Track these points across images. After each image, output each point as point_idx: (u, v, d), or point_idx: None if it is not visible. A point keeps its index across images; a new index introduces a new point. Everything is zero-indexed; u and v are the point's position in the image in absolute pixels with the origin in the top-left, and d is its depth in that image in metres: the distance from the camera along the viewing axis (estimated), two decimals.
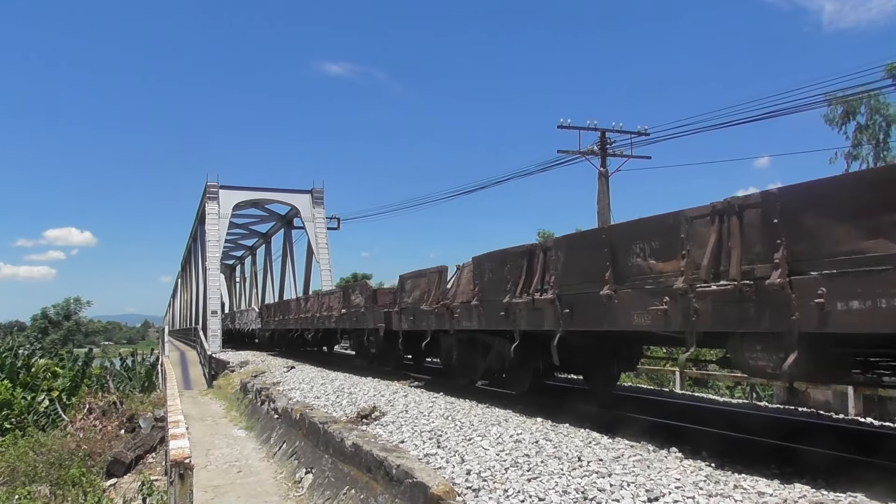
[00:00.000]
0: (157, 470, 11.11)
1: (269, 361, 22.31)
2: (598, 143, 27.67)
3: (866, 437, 7.27)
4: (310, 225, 38.73)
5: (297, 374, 16.50)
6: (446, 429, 7.64)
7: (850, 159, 34.92)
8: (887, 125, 33.93)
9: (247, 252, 61.87)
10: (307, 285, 41.11)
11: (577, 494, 4.77)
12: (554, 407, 8.99)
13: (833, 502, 4.36)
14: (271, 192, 39.86)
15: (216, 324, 34.57)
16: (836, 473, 5.26)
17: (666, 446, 6.39)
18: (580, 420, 7.95)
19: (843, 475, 5.17)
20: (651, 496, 4.53)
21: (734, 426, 7.45)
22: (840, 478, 5.12)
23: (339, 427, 8.59)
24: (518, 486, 5.16)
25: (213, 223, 36.31)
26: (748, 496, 4.49)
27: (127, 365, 39.46)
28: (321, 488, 8.14)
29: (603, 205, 27.17)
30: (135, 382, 32.29)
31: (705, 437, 6.98)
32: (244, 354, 26.95)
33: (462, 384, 11.47)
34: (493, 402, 9.75)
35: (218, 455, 11.22)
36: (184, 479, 4.69)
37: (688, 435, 7.13)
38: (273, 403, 12.67)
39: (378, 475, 6.64)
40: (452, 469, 5.93)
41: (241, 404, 16.49)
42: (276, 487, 9.03)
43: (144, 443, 12.84)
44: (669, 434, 7.08)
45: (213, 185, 36.68)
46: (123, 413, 16.88)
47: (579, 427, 7.56)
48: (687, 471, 5.36)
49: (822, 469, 5.44)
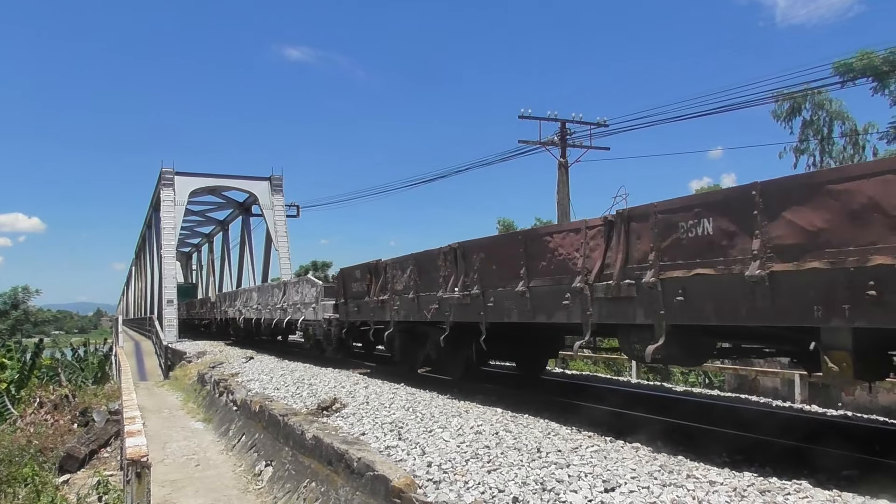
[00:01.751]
0: (112, 465, 10.92)
1: (227, 352, 22.07)
2: (559, 133, 27.90)
3: (811, 424, 7.54)
4: (268, 212, 38.27)
5: (255, 365, 16.36)
6: (407, 420, 7.69)
7: (797, 153, 35.93)
8: (830, 121, 34.96)
9: (204, 239, 60.83)
10: (266, 273, 40.64)
11: (536, 486, 4.86)
12: (513, 397, 9.13)
13: (780, 489, 4.53)
14: (229, 179, 39.24)
15: (172, 313, 34.01)
16: (782, 461, 5.47)
17: (622, 437, 6.55)
18: (539, 410, 8.09)
19: (789, 463, 5.38)
20: (608, 486, 4.65)
21: (688, 415, 7.65)
22: (786, 465, 5.32)
23: (299, 419, 8.58)
24: (478, 477, 5.23)
25: (169, 210, 35.60)
26: (700, 485, 4.64)
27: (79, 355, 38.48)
28: (281, 481, 8.13)
29: (563, 195, 27.42)
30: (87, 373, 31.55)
31: (660, 426, 7.17)
32: (201, 344, 26.60)
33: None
34: (453, 393, 9.84)
35: (175, 448, 11.09)
36: (141, 477, 4.64)
37: (644, 425, 7.32)
38: (232, 395, 12.56)
39: (339, 468, 6.66)
40: (413, 461, 5.98)
41: (198, 396, 16.30)
42: (235, 481, 8.98)
43: (99, 437, 12.57)
44: (627, 423, 7.26)
45: (169, 172, 35.92)
46: (76, 406, 16.47)
47: (538, 417, 7.69)
48: (642, 461, 5.51)
49: (770, 457, 5.65)
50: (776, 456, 5.68)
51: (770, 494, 4.36)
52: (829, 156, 34.18)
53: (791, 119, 35.73)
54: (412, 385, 10.85)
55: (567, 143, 27.90)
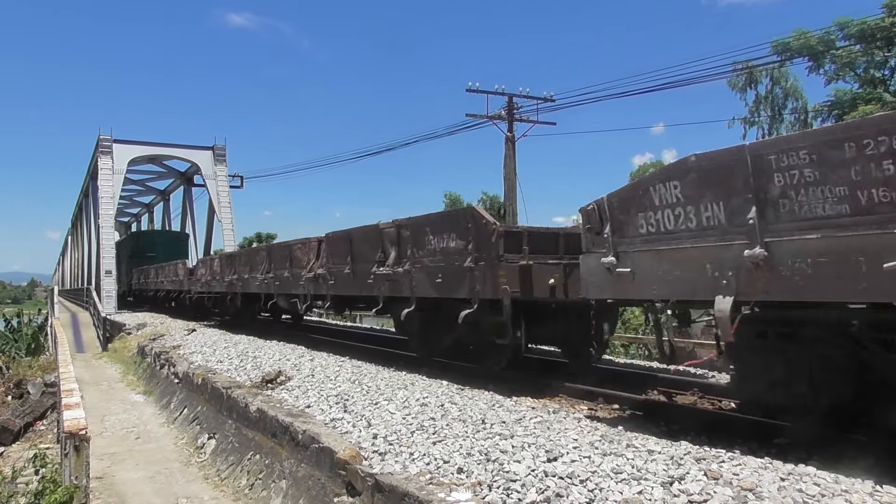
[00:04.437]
0: (48, 438, 10.63)
1: (168, 324, 21.61)
2: (506, 107, 27.95)
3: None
4: (211, 183, 37.29)
5: (198, 338, 16.08)
6: (353, 393, 7.69)
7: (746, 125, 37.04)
8: (784, 97, 36.04)
9: (144, 209, 59.06)
10: (208, 245, 39.77)
11: (480, 456, 4.93)
12: (459, 370, 9.22)
13: (714, 457, 4.70)
14: (170, 148, 38.01)
15: (111, 284, 33.01)
16: (716, 430, 5.68)
17: (564, 408, 6.68)
18: (485, 383, 8.19)
19: (723, 432, 5.59)
20: (550, 456, 4.75)
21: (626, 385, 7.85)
22: (721, 434, 5.53)
23: (243, 392, 8.49)
24: (424, 449, 5.28)
25: (107, 179, 34.34)
26: (639, 454, 4.78)
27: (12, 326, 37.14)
28: (225, 454, 8.05)
29: (509, 169, 27.57)
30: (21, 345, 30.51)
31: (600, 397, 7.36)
32: (142, 316, 25.98)
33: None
34: (399, 365, 9.87)
35: (114, 421, 10.86)
36: (79, 450, 4.54)
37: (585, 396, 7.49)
38: (173, 368, 12.33)
39: (284, 441, 6.63)
40: (359, 433, 6.00)
41: (138, 368, 15.96)
42: (177, 454, 8.86)
43: (34, 409, 12.21)
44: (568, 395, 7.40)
45: (107, 139, 34.58)
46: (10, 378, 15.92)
47: (483, 390, 7.79)
48: (584, 431, 5.64)
49: (705, 427, 5.86)
50: (710, 426, 5.90)
51: (705, 462, 4.52)
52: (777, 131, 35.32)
53: (745, 90, 36.75)
54: (358, 358, 10.84)
55: (514, 117, 27.99)
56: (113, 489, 7.45)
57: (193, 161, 38.02)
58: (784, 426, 5.42)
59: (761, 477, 4.16)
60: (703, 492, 3.95)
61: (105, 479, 7.74)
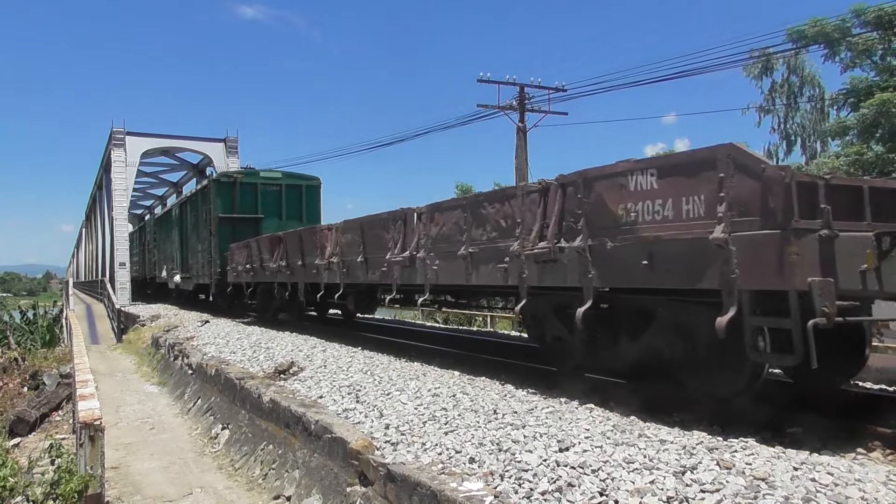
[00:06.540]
0: (64, 428, 10.74)
1: (182, 315, 21.74)
2: (517, 98, 27.84)
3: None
4: None
5: (211, 329, 16.18)
6: (365, 384, 7.71)
7: (762, 113, 36.75)
8: (801, 86, 35.73)
9: (157, 202, 59.39)
10: None
11: (492, 446, 4.94)
12: (470, 360, 9.23)
13: (727, 447, 4.67)
14: (182, 140, 38.19)
15: (125, 276, 33.33)
16: (732, 421, 5.65)
17: (577, 397, 6.66)
18: (496, 373, 8.19)
19: (738, 422, 5.56)
20: (562, 446, 4.74)
21: None
22: (736, 425, 5.50)
23: (256, 383, 8.53)
24: (436, 439, 5.29)
25: (120, 171, 34.56)
26: (651, 444, 4.77)
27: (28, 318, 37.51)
28: (238, 444, 8.11)
29: (521, 160, 27.49)
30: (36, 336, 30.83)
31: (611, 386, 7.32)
32: (155, 308, 26.17)
33: None
34: (411, 356, 9.89)
35: (129, 412, 10.97)
36: (94, 441, 4.58)
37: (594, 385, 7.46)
38: (187, 359, 12.42)
39: (296, 431, 6.67)
40: (371, 424, 6.02)
41: (152, 359, 16.09)
42: (191, 444, 8.94)
43: (50, 400, 12.34)
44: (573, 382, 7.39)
45: (120, 132, 34.79)
46: (26, 370, 16.11)
47: (494, 380, 7.78)
48: (596, 421, 5.63)
49: (721, 417, 5.82)
50: (725, 416, 5.86)
51: (717, 452, 4.50)
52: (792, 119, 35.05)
53: (762, 78, 36.46)
54: (370, 349, 10.87)
55: (526, 107, 27.88)
56: (128, 479, 7.53)
57: (206, 153, 38.18)
58: (797, 416, 5.35)
59: (774, 466, 4.13)
60: (716, 481, 3.93)
61: (120, 469, 7.82)
